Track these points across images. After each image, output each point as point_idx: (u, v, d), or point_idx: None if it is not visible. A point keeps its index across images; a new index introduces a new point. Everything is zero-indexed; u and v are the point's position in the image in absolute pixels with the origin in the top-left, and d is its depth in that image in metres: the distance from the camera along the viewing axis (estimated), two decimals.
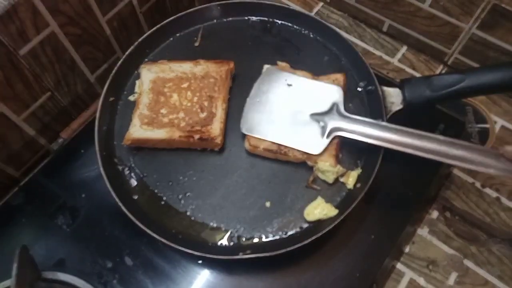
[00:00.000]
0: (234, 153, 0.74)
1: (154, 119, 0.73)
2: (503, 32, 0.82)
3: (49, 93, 0.79)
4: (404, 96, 0.71)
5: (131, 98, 0.79)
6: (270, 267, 0.69)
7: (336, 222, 0.65)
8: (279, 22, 0.87)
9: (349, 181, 0.71)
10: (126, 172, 0.73)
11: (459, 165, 0.66)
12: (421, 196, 0.76)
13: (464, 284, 0.72)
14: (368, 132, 0.67)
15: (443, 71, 0.95)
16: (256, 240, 0.68)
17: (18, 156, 0.80)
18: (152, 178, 0.73)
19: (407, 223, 0.73)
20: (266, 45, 0.85)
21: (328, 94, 0.74)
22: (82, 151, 0.79)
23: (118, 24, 0.85)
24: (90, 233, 0.72)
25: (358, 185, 0.70)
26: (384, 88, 0.74)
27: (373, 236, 0.71)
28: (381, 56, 0.97)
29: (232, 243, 0.68)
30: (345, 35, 0.84)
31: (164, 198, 0.71)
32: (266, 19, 0.87)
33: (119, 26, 0.86)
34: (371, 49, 0.98)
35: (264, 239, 0.68)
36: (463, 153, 0.62)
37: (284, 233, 0.68)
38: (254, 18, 0.88)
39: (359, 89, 0.79)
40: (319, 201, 0.69)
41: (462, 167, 0.80)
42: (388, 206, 0.74)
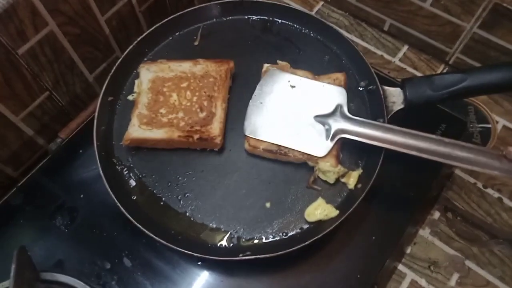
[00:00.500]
0: (234, 153, 0.74)
1: (153, 119, 0.73)
2: (504, 32, 0.81)
3: (48, 93, 0.78)
4: (405, 96, 0.70)
5: (130, 98, 0.78)
6: (270, 269, 0.69)
7: (337, 223, 0.65)
8: (279, 21, 0.87)
9: (350, 182, 0.70)
10: (125, 172, 0.73)
11: (462, 167, 0.66)
12: (423, 197, 0.75)
13: (466, 285, 0.72)
14: (373, 134, 0.67)
15: (445, 71, 0.94)
16: (256, 241, 0.67)
17: (17, 156, 0.79)
18: (151, 178, 0.72)
19: (409, 224, 0.73)
20: (266, 45, 0.85)
21: (332, 96, 0.73)
22: (81, 151, 0.79)
23: (117, 24, 0.85)
24: (89, 234, 0.72)
25: (359, 186, 0.70)
26: (385, 88, 0.74)
27: (374, 237, 0.71)
28: (382, 56, 0.96)
29: (232, 244, 0.67)
30: (346, 34, 0.83)
31: (163, 199, 0.71)
32: (266, 18, 0.87)
33: (118, 26, 0.85)
34: (372, 49, 0.97)
35: (264, 240, 0.67)
36: (466, 155, 0.62)
37: (285, 234, 0.68)
38: (254, 17, 0.87)
39: (360, 89, 0.79)
40: (320, 202, 0.69)
41: (465, 168, 0.80)
42: (390, 207, 0.74)
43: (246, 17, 0.87)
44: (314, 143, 0.70)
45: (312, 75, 0.77)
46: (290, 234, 0.68)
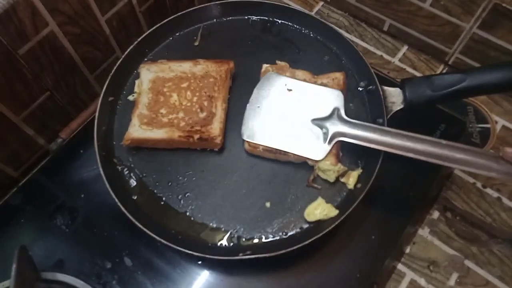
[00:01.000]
0: (234, 153, 0.74)
1: (154, 119, 0.73)
2: (504, 32, 0.81)
3: (48, 93, 0.79)
4: (405, 96, 0.70)
5: (131, 98, 0.78)
6: (270, 268, 0.69)
7: (337, 223, 0.65)
8: (279, 22, 0.87)
9: (350, 181, 0.70)
10: (126, 172, 0.73)
11: (461, 168, 0.66)
12: (422, 197, 0.76)
13: (465, 285, 0.72)
14: (370, 137, 0.67)
15: (444, 71, 0.94)
16: (256, 241, 0.67)
17: (17, 156, 0.79)
18: (152, 178, 0.72)
19: (408, 224, 0.73)
20: (266, 45, 0.85)
21: (329, 99, 0.73)
22: (81, 151, 0.79)
23: (118, 24, 0.85)
24: (89, 234, 0.72)
25: (359, 185, 0.70)
26: (385, 88, 0.74)
27: (374, 237, 0.71)
28: (382, 56, 0.96)
29: (232, 244, 0.67)
30: (346, 35, 0.83)
31: (164, 198, 0.71)
32: (266, 19, 0.87)
33: (119, 26, 0.86)
34: (372, 49, 0.97)
35: (264, 240, 0.68)
36: (464, 157, 0.62)
37: (284, 234, 0.68)
38: (254, 18, 0.88)
39: (360, 89, 0.79)
40: (320, 202, 0.69)
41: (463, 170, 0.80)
42: (389, 207, 0.74)
43: (246, 17, 0.88)
44: (312, 147, 0.70)
45: (312, 75, 0.77)
46: (290, 234, 0.68)
